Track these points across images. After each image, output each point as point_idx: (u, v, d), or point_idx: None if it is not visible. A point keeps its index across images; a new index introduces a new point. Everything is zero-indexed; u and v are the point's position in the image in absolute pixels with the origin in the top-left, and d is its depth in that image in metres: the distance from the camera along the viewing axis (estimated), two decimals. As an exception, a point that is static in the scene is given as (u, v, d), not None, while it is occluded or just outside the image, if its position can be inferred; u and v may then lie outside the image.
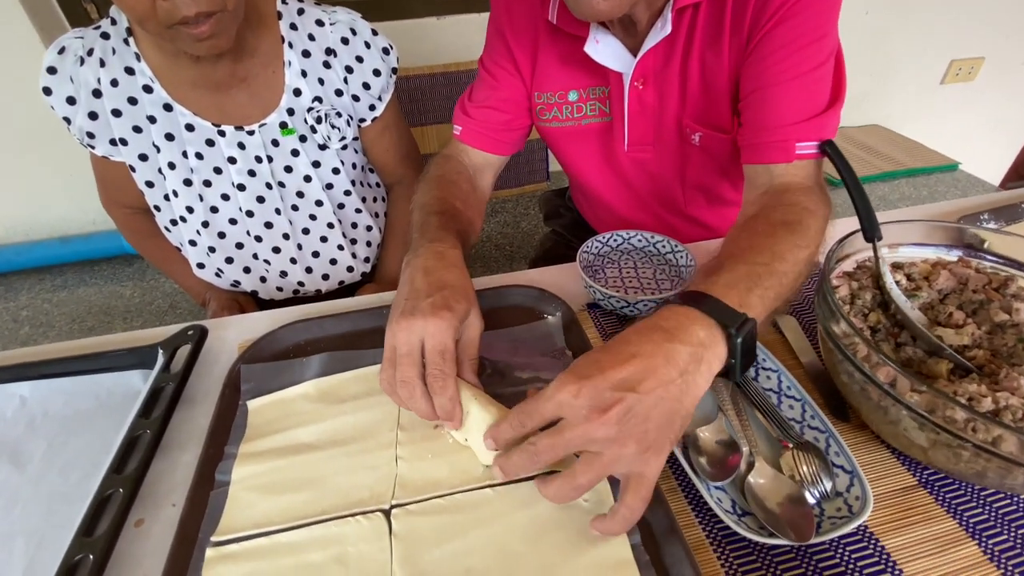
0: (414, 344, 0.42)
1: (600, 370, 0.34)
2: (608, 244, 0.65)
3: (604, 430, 0.33)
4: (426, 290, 0.45)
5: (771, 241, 0.45)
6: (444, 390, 0.42)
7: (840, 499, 0.40)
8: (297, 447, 0.46)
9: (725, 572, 0.38)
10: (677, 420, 0.35)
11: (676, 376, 0.35)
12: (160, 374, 0.52)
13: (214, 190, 0.75)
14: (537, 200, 1.22)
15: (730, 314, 0.38)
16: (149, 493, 0.45)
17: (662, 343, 0.35)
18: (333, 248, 0.82)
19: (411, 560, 0.38)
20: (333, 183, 0.78)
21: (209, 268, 0.81)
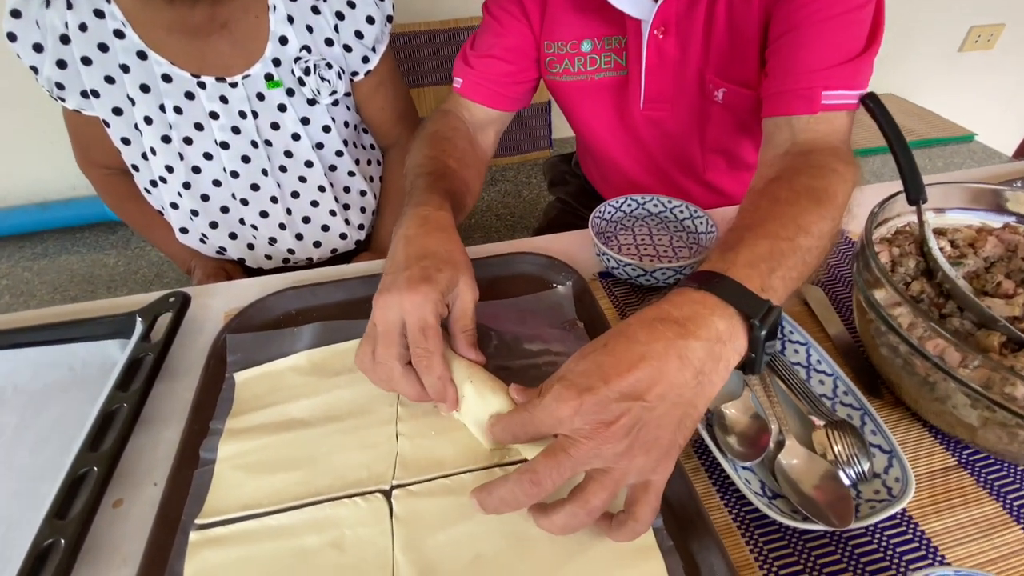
0: (391, 322, 0.38)
1: (603, 379, 0.30)
2: (622, 209, 0.61)
3: (611, 446, 0.30)
4: (404, 262, 0.41)
5: (795, 211, 0.40)
6: (430, 370, 0.38)
7: (878, 481, 0.37)
8: (288, 423, 0.42)
9: (754, 558, 0.35)
10: (689, 423, 0.32)
11: (690, 379, 0.31)
12: (139, 343, 0.48)
13: (195, 148, 0.69)
14: (541, 167, 1.17)
15: (752, 301, 0.33)
16: (128, 472, 0.41)
17: (674, 340, 0.31)
18: (324, 213, 0.77)
19: (414, 545, 0.35)
20: (324, 142, 0.73)
21: (193, 233, 0.76)
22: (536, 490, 0.30)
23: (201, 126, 0.68)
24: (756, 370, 0.35)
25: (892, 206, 0.46)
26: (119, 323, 0.51)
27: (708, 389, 0.32)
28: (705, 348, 0.31)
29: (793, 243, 0.37)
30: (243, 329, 0.50)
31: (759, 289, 0.34)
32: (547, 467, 0.30)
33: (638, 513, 0.31)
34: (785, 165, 0.47)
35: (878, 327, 0.39)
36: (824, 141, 0.48)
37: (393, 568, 0.33)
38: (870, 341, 0.42)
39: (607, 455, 0.30)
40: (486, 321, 0.50)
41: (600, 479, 0.30)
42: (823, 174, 0.44)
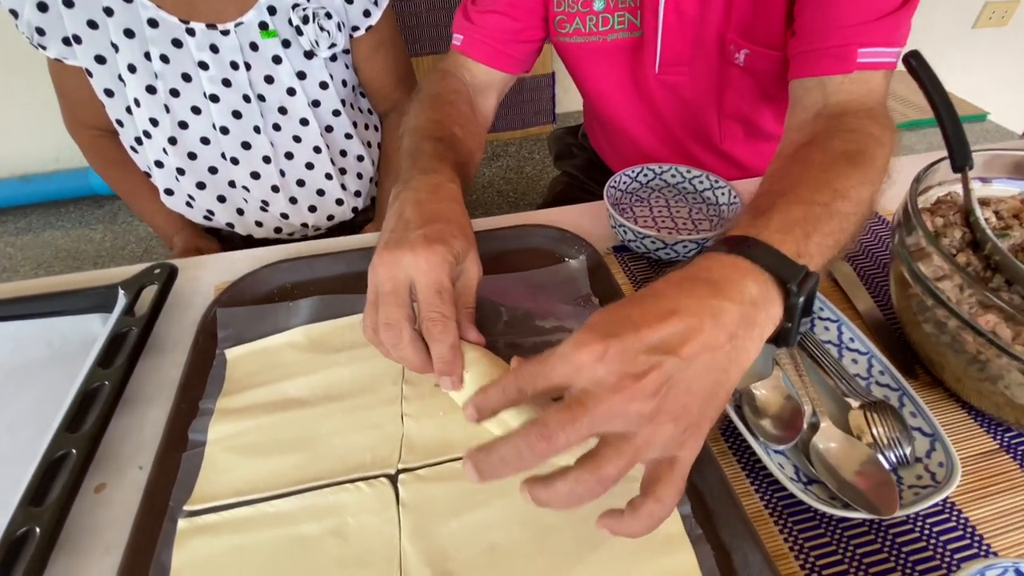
0: (400, 280, 0.35)
1: (633, 327, 0.26)
2: (637, 180, 0.57)
3: (638, 404, 0.25)
4: (417, 221, 0.37)
5: (830, 175, 0.36)
6: (444, 336, 0.34)
7: (919, 465, 0.35)
8: (285, 403, 0.39)
9: (789, 547, 0.32)
10: (722, 394, 0.28)
11: (724, 341, 0.27)
12: (122, 317, 0.45)
13: (183, 101, 0.65)
14: (544, 142, 1.12)
15: (788, 266, 0.30)
16: (111, 455, 0.38)
17: (707, 299, 0.28)
18: (320, 176, 0.73)
19: (423, 533, 0.32)
20: (320, 100, 0.68)
21: (179, 195, 0.72)
22: (545, 446, 0.25)
23: (189, 77, 0.64)
24: (791, 342, 0.31)
25: (932, 174, 0.43)
26: (100, 296, 0.48)
27: (742, 357, 0.28)
28: (739, 311, 0.28)
29: (829, 208, 0.34)
30: (235, 303, 0.47)
31: (795, 255, 0.31)
32: (560, 420, 0.25)
33: (660, 493, 0.26)
34: (817, 129, 0.43)
35: (922, 302, 0.37)
36: (859, 103, 0.45)
37: (400, 558, 0.31)
38: (910, 318, 0.39)
39: (631, 415, 0.25)
40: (495, 296, 0.47)
41: (618, 445, 0.25)
42: (859, 138, 0.41)
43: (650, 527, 0.26)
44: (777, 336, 0.31)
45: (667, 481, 0.26)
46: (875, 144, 0.40)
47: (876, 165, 0.39)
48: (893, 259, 0.41)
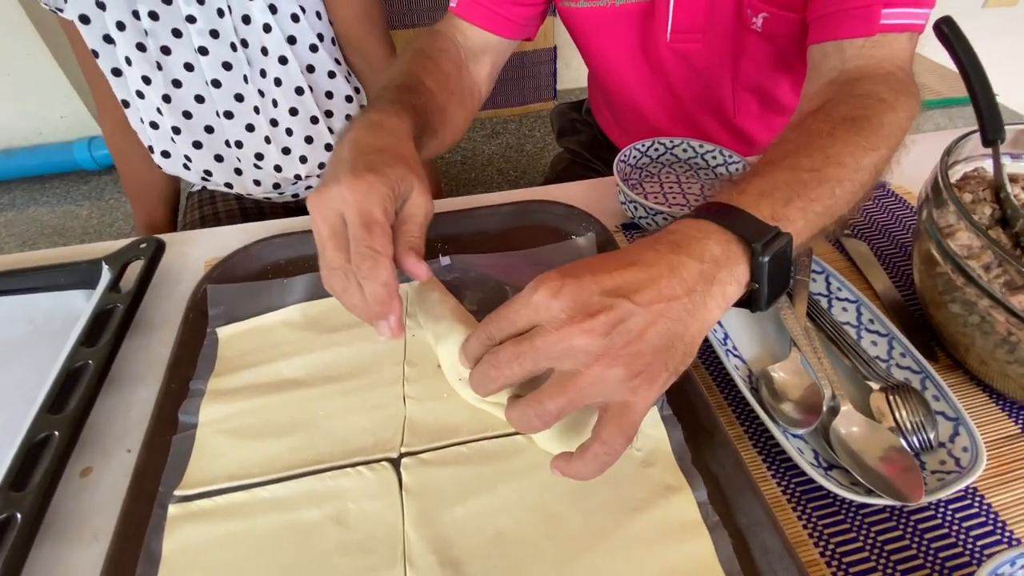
0: (333, 220, 0.32)
1: (590, 271, 0.27)
2: (648, 154, 0.55)
3: (586, 339, 0.25)
4: (348, 156, 0.34)
5: (826, 142, 0.35)
6: (374, 272, 0.31)
7: (943, 451, 0.33)
8: (280, 383, 0.37)
9: (808, 534, 0.31)
10: (679, 347, 0.27)
11: (681, 293, 0.27)
12: (106, 294, 0.43)
13: (175, 58, 0.62)
14: (545, 119, 1.09)
15: (755, 226, 0.30)
16: (98, 436, 0.37)
17: (666, 254, 0.28)
18: (306, 121, 0.69)
19: (427, 519, 0.30)
20: (295, 35, 0.65)
21: (176, 157, 0.69)
22: (496, 374, 0.27)
23: (179, 32, 0.61)
24: (761, 305, 0.31)
25: (960, 149, 0.41)
26: (84, 271, 0.45)
27: (702, 313, 0.28)
28: (698, 268, 0.28)
29: (819, 174, 0.33)
30: (226, 279, 0.45)
31: (768, 217, 0.30)
32: (508, 353, 0.27)
33: (606, 435, 0.26)
34: (828, 96, 0.41)
35: (949, 281, 0.35)
36: (878, 68, 0.42)
37: (403, 546, 0.29)
38: (934, 298, 0.37)
39: (578, 351, 0.26)
40: (499, 275, 0.45)
41: (562, 380, 0.26)
42: (866, 103, 0.38)
43: (596, 470, 0.27)
44: (748, 299, 0.30)
45: (615, 424, 0.26)
46: (884, 109, 0.38)
47: (882, 131, 0.37)
48: (918, 237, 0.39)
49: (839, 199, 0.33)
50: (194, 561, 0.29)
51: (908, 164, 0.39)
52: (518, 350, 0.26)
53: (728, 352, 0.38)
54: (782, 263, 0.30)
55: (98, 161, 1.47)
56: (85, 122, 1.48)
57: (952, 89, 1.59)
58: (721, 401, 0.38)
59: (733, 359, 0.38)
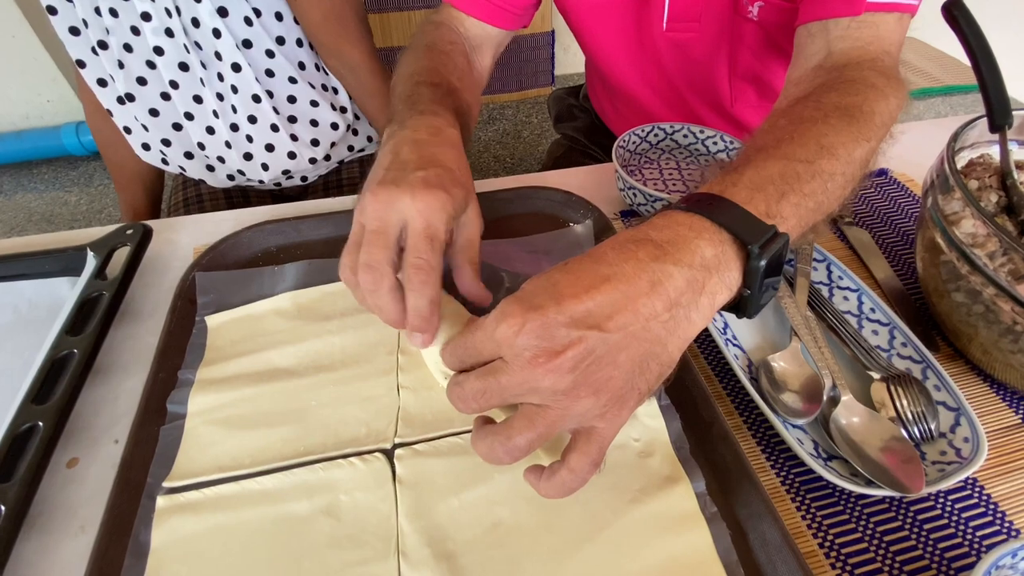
0: (390, 222, 0.31)
1: (555, 299, 0.24)
2: (647, 140, 0.54)
3: (551, 379, 0.24)
4: (416, 162, 0.33)
5: (819, 130, 0.33)
6: (424, 287, 0.30)
7: (943, 441, 0.33)
8: (271, 373, 0.36)
9: (807, 525, 0.31)
10: (654, 367, 0.25)
11: (662, 310, 0.25)
12: (91, 281, 0.41)
13: (137, 56, 0.60)
14: (542, 105, 1.07)
15: (753, 225, 0.27)
16: (84, 427, 0.36)
17: (647, 263, 0.25)
18: (265, 129, 0.66)
19: (421, 511, 0.30)
20: (250, 39, 0.61)
21: (154, 151, 0.68)
22: (462, 406, 0.26)
23: (137, 30, 0.59)
24: (750, 312, 0.28)
25: (966, 135, 0.40)
26: (69, 258, 0.44)
27: (684, 327, 0.26)
28: (684, 276, 0.25)
29: (812, 166, 0.31)
30: (215, 267, 0.44)
31: (763, 214, 0.28)
32: (473, 389, 0.26)
33: (573, 463, 0.25)
34: (815, 82, 0.39)
35: (954, 269, 0.34)
36: (864, 51, 0.40)
37: (397, 538, 0.29)
38: (938, 287, 0.37)
39: (544, 390, 0.24)
40: (496, 261, 0.44)
41: (530, 415, 0.25)
42: (857, 89, 0.36)
43: (562, 494, 0.26)
44: (736, 305, 0.28)
45: (582, 452, 0.25)
46: (876, 97, 0.36)
47: (874, 121, 0.35)
48: (922, 224, 0.38)
49: (831, 194, 0.31)
50: (183, 554, 0.29)
51: (909, 151, 0.38)
52: (483, 386, 0.25)
53: (727, 341, 0.38)
54: (775, 267, 0.27)
55: (86, 146, 1.44)
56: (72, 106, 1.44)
57: (952, 76, 1.58)
58: (720, 391, 0.37)
59: (732, 348, 0.38)
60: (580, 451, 0.25)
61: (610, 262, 0.25)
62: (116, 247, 0.44)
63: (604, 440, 0.25)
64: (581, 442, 0.25)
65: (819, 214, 0.31)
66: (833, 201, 0.32)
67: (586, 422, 0.25)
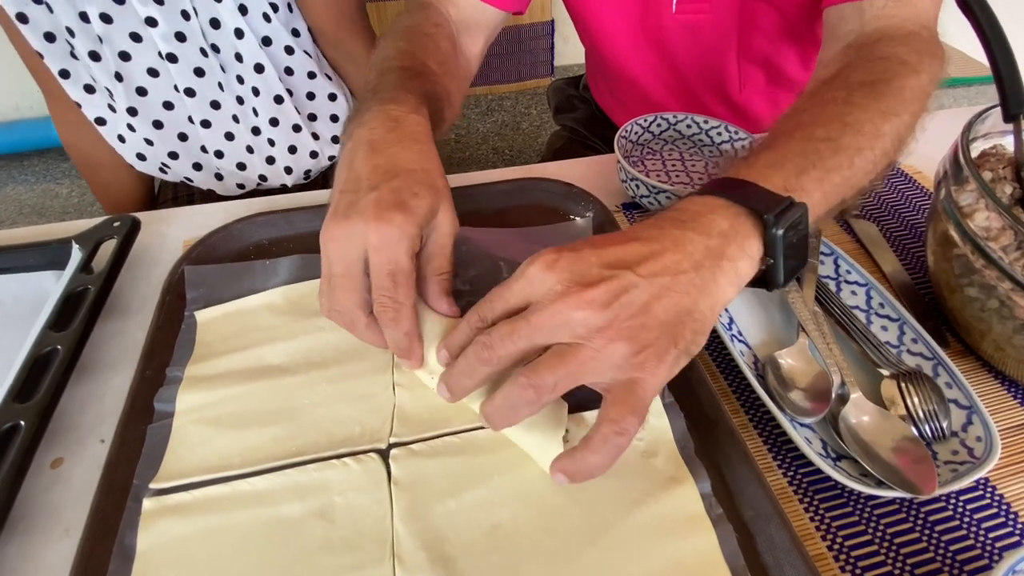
0: (351, 259, 0.30)
1: (591, 244, 0.26)
2: (650, 130, 0.52)
3: (585, 311, 0.24)
4: (369, 178, 0.32)
5: (843, 109, 0.33)
6: (397, 324, 0.30)
7: (955, 440, 0.32)
8: (262, 370, 0.35)
9: (815, 527, 0.30)
10: (688, 323, 0.25)
11: (688, 267, 0.26)
12: (77, 275, 0.40)
13: (136, 64, 0.57)
14: (542, 95, 1.05)
15: (765, 197, 0.28)
16: (69, 426, 0.35)
17: (671, 229, 0.27)
18: (287, 130, 0.65)
19: (418, 513, 0.29)
20: (270, 36, 0.60)
21: (151, 160, 0.65)
22: (488, 355, 0.26)
23: (139, 36, 0.56)
24: (778, 281, 0.29)
25: (979, 126, 0.39)
26: (53, 251, 0.43)
27: (712, 289, 0.26)
28: (703, 242, 0.27)
29: (835, 143, 0.31)
30: (205, 260, 0.42)
31: (780, 188, 0.29)
32: (502, 331, 0.25)
33: (612, 413, 0.24)
34: (846, 61, 0.38)
35: (967, 263, 0.33)
36: (899, 28, 0.39)
37: (392, 541, 0.28)
38: (950, 281, 0.36)
39: (577, 323, 0.24)
40: (494, 250, 0.43)
41: (560, 351, 0.24)
42: (887, 66, 0.36)
43: (609, 456, 0.25)
44: (763, 277, 0.29)
45: (624, 402, 0.24)
46: (906, 72, 0.36)
47: (904, 95, 0.35)
48: (934, 217, 0.37)
49: (859, 169, 0.31)
50: (170, 557, 0.27)
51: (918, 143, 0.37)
52: (512, 327, 0.25)
53: (733, 337, 0.37)
54: (797, 235, 0.28)
55: (79, 138, 1.42)
56: (64, 97, 1.42)
57: (958, 69, 1.56)
58: (726, 388, 0.36)
59: (738, 344, 0.37)
60: (620, 402, 0.24)
61: (635, 229, 0.27)
62: (103, 240, 0.43)
63: (646, 391, 0.25)
64: (620, 392, 0.25)
65: (847, 189, 0.31)
66: (863, 176, 0.32)
67: (622, 372, 0.24)
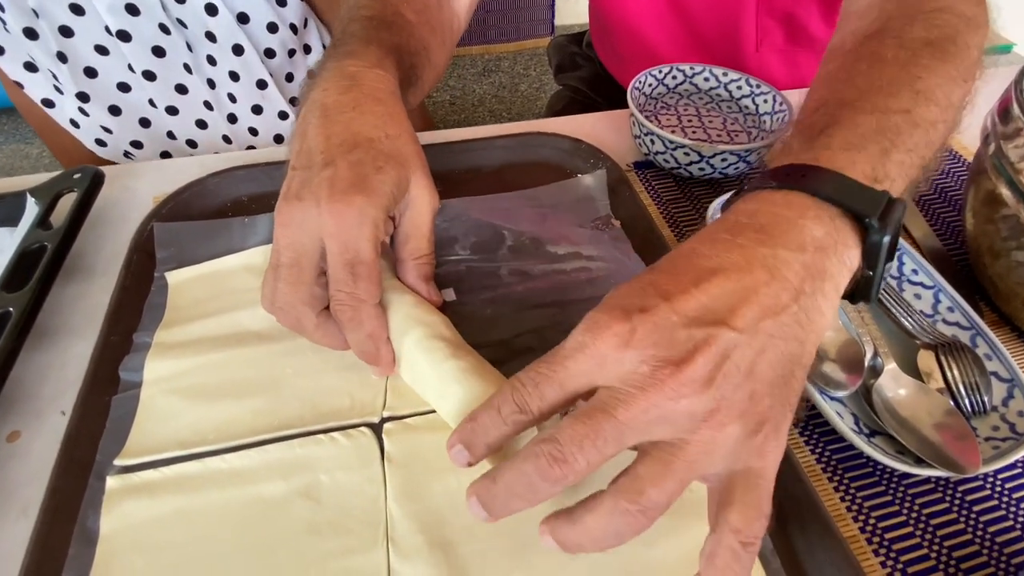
0: (303, 249, 0.26)
1: (663, 295, 0.20)
2: (664, 83, 0.48)
3: (688, 399, 0.18)
4: (323, 151, 0.27)
5: (910, 74, 0.28)
6: (356, 325, 0.26)
7: (995, 415, 0.30)
8: (240, 336, 0.32)
9: (846, 508, 0.28)
10: (798, 374, 0.21)
11: (789, 300, 0.20)
12: (32, 230, 0.36)
13: (80, 41, 0.50)
14: (541, 55, 1.00)
15: (864, 194, 0.23)
16: (27, 396, 0.31)
17: (755, 248, 0.21)
18: (272, 118, 0.58)
19: (414, 494, 0.26)
20: (247, 12, 0.53)
21: (113, 147, 0.59)
22: (559, 472, 0.19)
23: (80, 9, 0.49)
24: (872, 295, 0.24)
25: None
26: (6, 206, 0.39)
27: (816, 320, 0.21)
28: (800, 260, 0.21)
29: (911, 116, 0.26)
30: (178, 217, 0.38)
31: (870, 179, 0.23)
32: (576, 434, 0.19)
33: (734, 520, 0.19)
34: (888, 12, 0.33)
35: (1018, 224, 0.30)
36: None
37: (386, 524, 0.25)
38: (994, 244, 0.33)
39: (680, 416, 0.18)
40: (495, 218, 0.40)
41: (665, 458, 0.18)
42: (947, 20, 0.31)
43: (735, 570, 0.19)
44: (854, 289, 0.24)
45: (746, 504, 0.19)
46: (969, 28, 0.31)
47: (971, 56, 0.30)
48: (978, 175, 0.34)
49: (933, 146, 0.27)
50: (137, 541, 0.25)
51: None
52: (590, 428, 0.18)
53: (756, 305, 0.34)
54: (895, 239, 0.23)
55: (50, 97, 1.34)
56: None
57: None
58: (747, 359, 0.33)
59: (762, 313, 0.34)
60: (742, 503, 0.19)
61: (708, 255, 0.21)
62: (61, 193, 0.39)
63: (769, 481, 0.20)
64: (739, 490, 0.19)
65: (922, 170, 0.26)
66: (934, 154, 0.27)
67: (738, 462, 0.19)
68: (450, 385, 0.26)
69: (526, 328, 0.33)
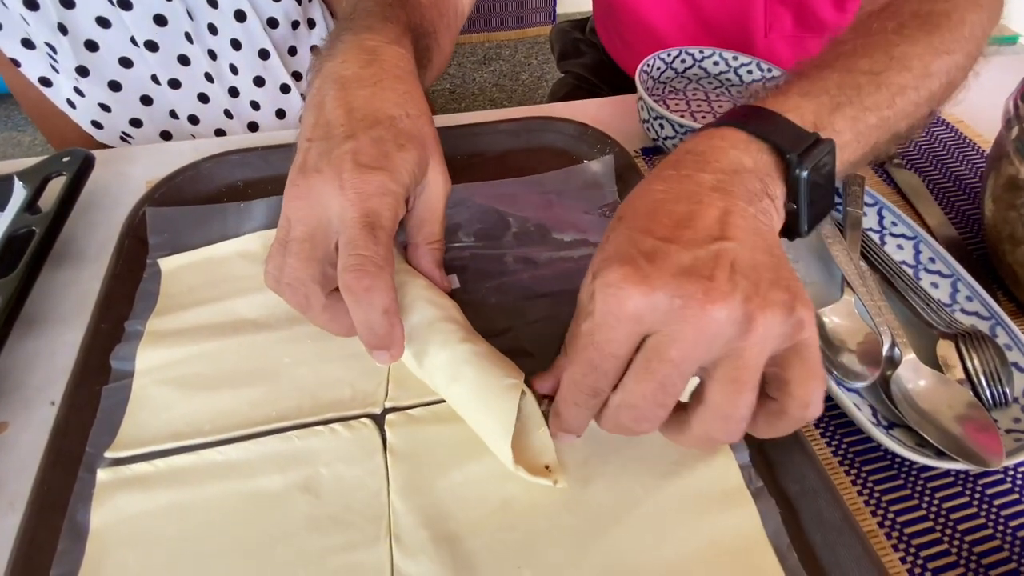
0: (318, 223, 0.25)
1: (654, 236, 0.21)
2: (673, 67, 0.47)
3: (722, 310, 0.19)
4: (345, 124, 0.26)
5: (890, 40, 0.29)
6: (371, 294, 0.24)
7: (1016, 407, 0.29)
8: (236, 324, 0.31)
9: (864, 502, 0.27)
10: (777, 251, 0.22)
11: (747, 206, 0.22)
12: (20, 214, 0.35)
13: (82, 13, 0.49)
14: (543, 43, 0.98)
15: (789, 133, 0.24)
16: (15, 386, 0.30)
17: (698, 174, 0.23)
18: (274, 92, 0.57)
19: (417, 487, 0.25)
20: None
21: (110, 129, 0.57)
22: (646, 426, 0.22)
23: None
24: (800, 230, 0.25)
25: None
26: (-7, 189, 0.37)
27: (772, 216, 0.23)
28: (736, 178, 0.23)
29: (878, 77, 0.27)
30: (171, 202, 0.37)
31: (810, 124, 0.25)
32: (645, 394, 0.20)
33: (794, 390, 0.20)
34: None
35: (1043, 210, 0.29)
36: None
37: (389, 519, 0.24)
38: (1014, 232, 0.32)
39: (725, 328, 0.19)
40: (499, 204, 0.38)
41: (730, 374, 0.20)
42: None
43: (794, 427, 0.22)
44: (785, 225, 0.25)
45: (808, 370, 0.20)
46: (968, 5, 0.32)
47: (962, 31, 0.31)
48: (998, 161, 0.33)
49: (899, 110, 0.27)
50: (128, 536, 0.24)
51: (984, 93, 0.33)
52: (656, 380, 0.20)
53: (769, 293, 0.33)
54: (824, 177, 0.24)
55: (42, 84, 1.31)
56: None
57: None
58: (760, 349, 0.33)
59: (775, 301, 0.33)
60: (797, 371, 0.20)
61: (669, 194, 0.22)
62: (50, 177, 0.37)
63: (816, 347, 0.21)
64: (793, 359, 0.20)
65: (883, 132, 0.27)
66: (902, 120, 0.28)
67: (787, 340, 0.20)
68: (462, 367, 0.25)
69: (531, 317, 0.32)
